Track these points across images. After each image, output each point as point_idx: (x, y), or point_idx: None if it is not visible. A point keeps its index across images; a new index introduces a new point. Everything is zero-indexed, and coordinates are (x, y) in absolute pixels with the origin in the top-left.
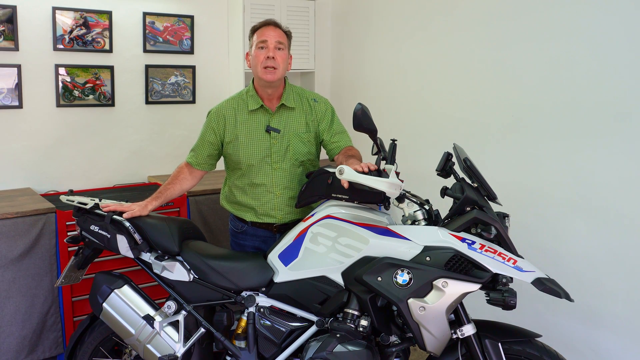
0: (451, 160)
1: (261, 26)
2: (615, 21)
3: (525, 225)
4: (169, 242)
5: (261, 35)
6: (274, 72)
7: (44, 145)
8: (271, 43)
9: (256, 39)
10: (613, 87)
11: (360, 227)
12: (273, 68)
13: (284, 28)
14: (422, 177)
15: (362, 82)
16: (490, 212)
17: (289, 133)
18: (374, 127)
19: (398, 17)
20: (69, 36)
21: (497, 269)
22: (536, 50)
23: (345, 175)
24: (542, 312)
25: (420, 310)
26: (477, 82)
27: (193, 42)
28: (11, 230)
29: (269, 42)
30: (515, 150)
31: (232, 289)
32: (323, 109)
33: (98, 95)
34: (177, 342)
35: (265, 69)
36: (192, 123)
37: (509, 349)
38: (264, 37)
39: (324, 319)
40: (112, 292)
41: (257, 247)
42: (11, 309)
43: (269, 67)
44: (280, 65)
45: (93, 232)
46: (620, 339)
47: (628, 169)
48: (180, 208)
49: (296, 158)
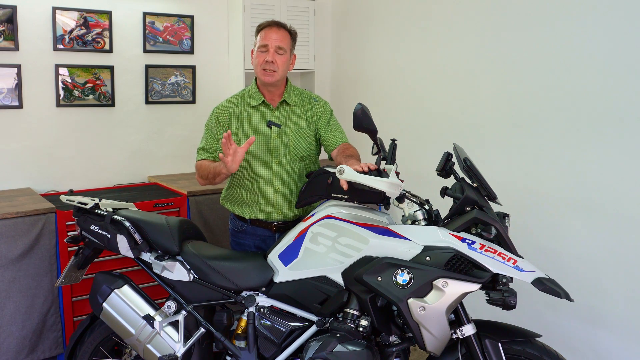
0: (451, 160)
1: (265, 26)
2: (616, 21)
3: (525, 225)
4: (169, 242)
5: (263, 38)
6: (273, 75)
7: (44, 145)
8: (271, 47)
9: (259, 41)
10: (613, 87)
11: (360, 227)
12: (272, 71)
13: (289, 28)
14: (422, 177)
15: (362, 82)
16: (490, 212)
17: (289, 128)
18: (374, 127)
19: (398, 17)
20: (69, 36)
21: (497, 269)
22: (537, 50)
23: (345, 175)
24: (542, 312)
25: (420, 310)
26: (477, 82)
27: (193, 42)
28: (11, 230)
29: (269, 47)
30: (515, 150)
31: (232, 289)
32: (322, 108)
33: (98, 95)
34: (177, 342)
35: (264, 71)
36: (192, 123)
37: (509, 349)
38: (265, 41)
39: (324, 319)
40: (112, 292)
41: (257, 246)
42: (11, 309)
43: (268, 70)
44: (279, 68)
45: (93, 232)
46: (620, 339)
47: (628, 168)
48: (180, 208)
49: (296, 153)
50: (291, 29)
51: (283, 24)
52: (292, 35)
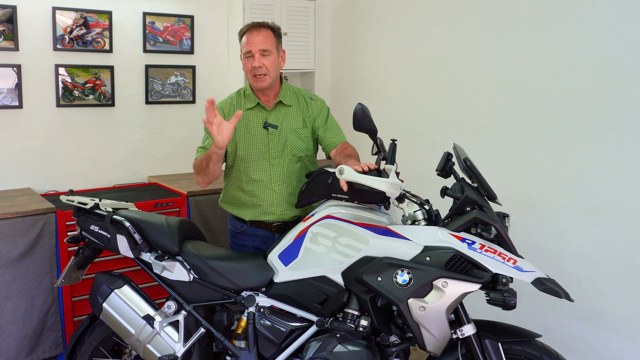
0: (451, 160)
1: (245, 31)
2: (615, 21)
3: (525, 225)
4: (169, 242)
5: (246, 44)
6: (264, 79)
7: (44, 145)
8: (255, 52)
9: (242, 47)
10: (613, 87)
11: (360, 227)
12: (263, 75)
13: (270, 25)
14: (422, 177)
15: (362, 82)
16: (490, 212)
17: (286, 129)
18: (374, 127)
19: (398, 17)
20: (69, 36)
21: (497, 269)
22: (537, 50)
23: (345, 175)
24: (542, 312)
25: (420, 310)
26: (477, 82)
27: (193, 42)
28: (11, 230)
29: (253, 52)
30: (515, 150)
31: (232, 289)
32: (319, 107)
33: (98, 95)
34: (177, 342)
35: (255, 77)
36: (192, 123)
37: (509, 349)
38: (248, 47)
39: (324, 319)
40: (112, 292)
41: (257, 247)
42: (11, 309)
43: (258, 75)
44: (269, 70)
45: (93, 232)
46: (620, 339)
47: (628, 168)
48: (180, 208)
49: (294, 154)
50: (273, 25)
51: (262, 23)
52: (275, 32)
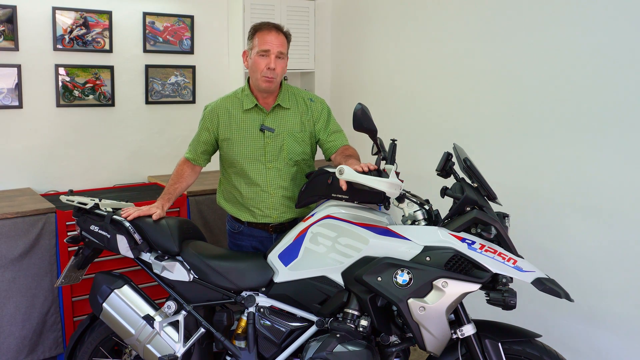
0: (451, 160)
1: (263, 29)
2: (615, 22)
3: (525, 225)
4: (169, 242)
5: (263, 43)
6: (272, 81)
7: (44, 145)
8: (273, 53)
9: (258, 45)
10: (613, 87)
11: (360, 227)
12: (273, 77)
13: (284, 30)
14: (422, 177)
15: (362, 82)
16: (490, 212)
17: (283, 132)
18: (374, 127)
19: (398, 17)
20: (69, 36)
21: (497, 269)
22: (536, 50)
23: (345, 175)
24: (542, 312)
25: (420, 310)
26: (477, 83)
27: (193, 42)
28: (11, 230)
29: (271, 52)
30: (515, 150)
31: (232, 289)
32: (319, 109)
33: (98, 95)
34: (177, 342)
35: (264, 77)
36: (192, 123)
37: (509, 349)
38: (266, 46)
39: (324, 319)
40: (112, 292)
41: (254, 247)
42: (11, 309)
43: (269, 77)
44: (278, 74)
45: (93, 232)
46: (620, 339)
47: (627, 168)
48: (180, 208)
49: (290, 157)
50: (287, 32)
51: (280, 26)
52: (288, 39)
